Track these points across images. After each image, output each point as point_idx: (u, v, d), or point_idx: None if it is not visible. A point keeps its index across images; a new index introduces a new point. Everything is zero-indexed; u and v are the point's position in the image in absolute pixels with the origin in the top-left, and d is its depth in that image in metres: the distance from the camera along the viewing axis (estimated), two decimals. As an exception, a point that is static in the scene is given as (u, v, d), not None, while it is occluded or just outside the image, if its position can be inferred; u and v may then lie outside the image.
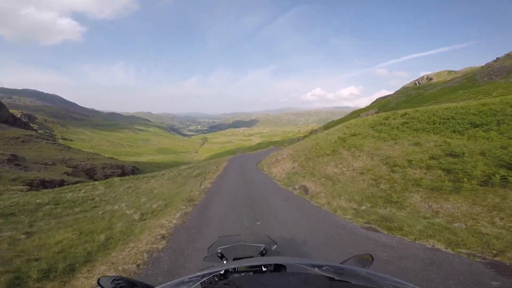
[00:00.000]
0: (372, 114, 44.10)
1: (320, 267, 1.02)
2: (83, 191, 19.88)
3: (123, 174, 51.05)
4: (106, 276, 1.27)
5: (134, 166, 59.77)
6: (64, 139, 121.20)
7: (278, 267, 1.33)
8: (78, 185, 26.43)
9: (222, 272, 1.25)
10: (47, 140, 54.63)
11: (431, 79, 70.18)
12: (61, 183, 33.45)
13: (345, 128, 18.88)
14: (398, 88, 74.95)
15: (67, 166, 43.93)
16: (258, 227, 6.06)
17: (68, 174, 39.92)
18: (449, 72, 69.42)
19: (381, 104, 49.21)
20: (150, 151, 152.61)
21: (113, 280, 1.20)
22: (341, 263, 1.28)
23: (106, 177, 46.67)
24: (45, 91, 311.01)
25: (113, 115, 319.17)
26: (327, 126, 57.08)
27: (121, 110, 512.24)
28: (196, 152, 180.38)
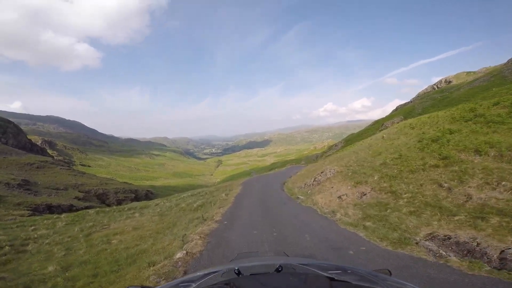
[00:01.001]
0: (398, 122, 40.68)
1: (320, 267, 1.05)
2: (33, 227, 15.41)
3: (136, 198, 49.09)
4: (134, 286, 1.32)
5: (148, 190, 57.95)
6: (83, 165, 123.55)
7: (282, 268, 1.31)
8: (36, 217, 21.00)
9: (226, 271, 1.26)
10: (62, 166, 54.31)
11: (450, 81, 66.34)
12: (70, 208, 31.62)
13: (411, 129, 14.96)
14: (412, 96, 71.08)
15: (79, 191, 42.56)
16: None
17: (79, 199, 38.30)
18: (468, 73, 65.84)
19: (405, 111, 45.88)
20: (166, 175, 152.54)
21: None
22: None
23: (119, 202, 44.78)
24: (67, 118, 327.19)
25: (130, 141, 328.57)
26: (348, 139, 53.60)
27: (139, 135, 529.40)
28: (211, 174, 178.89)
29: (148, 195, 54.10)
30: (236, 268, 1.27)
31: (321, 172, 14.48)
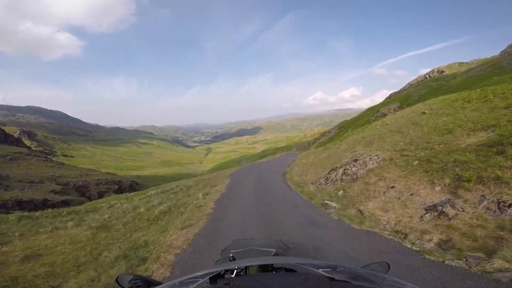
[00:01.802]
0: (394, 109, 40.38)
1: (320, 267, 1.03)
2: None
3: (120, 190, 47.01)
4: (124, 274, 1.29)
5: (133, 181, 55.75)
6: (65, 155, 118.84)
7: (282, 267, 1.33)
8: None
9: (227, 270, 1.23)
10: (39, 157, 51.10)
11: (442, 71, 66.48)
12: (44, 203, 29.44)
13: (466, 102, 12.14)
14: (400, 86, 71.76)
15: (56, 184, 40.08)
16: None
17: (56, 193, 35.97)
18: (460, 63, 65.81)
19: (401, 98, 46.09)
20: (153, 164, 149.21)
21: (131, 279, 1.25)
22: (363, 267, 1.25)
23: (101, 194, 42.71)
24: (49, 108, 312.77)
25: (116, 130, 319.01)
26: (341, 126, 53.05)
27: (125, 124, 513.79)
28: (201, 162, 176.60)
29: (133, 185, 52.04)
30: (247, 270, 1.29)
31: (354, 161, 10.13)
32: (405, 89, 61.04)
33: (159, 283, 1.20)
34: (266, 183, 12.84)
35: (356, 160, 10.13)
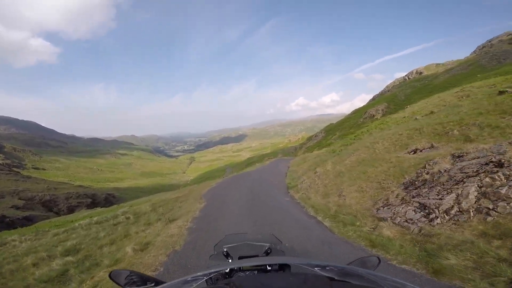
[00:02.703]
0: (382, 109, 40.57)
1: (320, 267, 1.03)
2: None
3: (93, 203, 43.26)
4: (118, 270, 1.27)
5: (108, 194, 51.76)
6: (36, 168, 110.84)
7: (282, 267, 1.32)
8: None
9: (227, 270, 1.25)
10: (1, 170, 46.26)
11: (421, 72, 69.63)
12: (1, 220, 25.98)
13: None
14: (378, 90, 74.47)
15: (19, 199, 36.00)
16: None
17: (18, 208, 32.10)
18: (437, 64, 69.70)
19: (388, 99, 47.01)
20: (133, 175, 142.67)
21: (127, 276, 1.23)
22: (347, 264, 1.25)
23: (71, 209, 38.94)
24: (21, 118, 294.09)
25: (94, 141, 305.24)
26: (328, 129, 52.75)
27: (104, 135, 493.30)
28: (184, 172, 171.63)
29: (108, 199, 48.25)
30: (240, 267, 1.30)
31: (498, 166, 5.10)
32: (388, 91, 62.72)
33: (156, 280, 1.23)
34: (268, 214, 7.59)
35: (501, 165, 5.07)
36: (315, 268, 1.01)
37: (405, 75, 76.47)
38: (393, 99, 43.86)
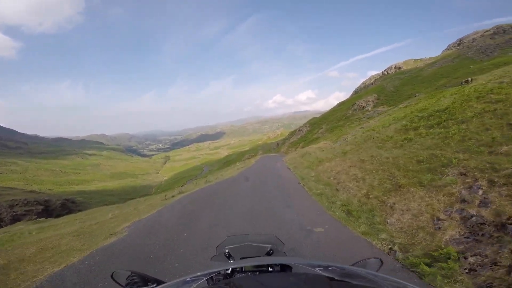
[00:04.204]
0: (373, 100, 39.89)
1: (320, 267, 1.03)
2: None
3: (46, 211, 37.46)
4: (120, 270, 1.27)
5: (66, 199, 45.60)
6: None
7: (284, 267, 1.31)
8: None
9: (228, 271, 1.24)
10: None
11: (400, 67, 71.88)
12: None
13: None
14: (352, 88, 77.12)
15: None
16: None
17: None
18: (415, 60, 72.44)
19: (376, 90, 47.52)
20: (101, 177, 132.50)
21: (128, 276, 1.23)
22: (353, 264, 1.26)
23: (17, 218, 33.10)
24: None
25: (59, 141, 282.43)
26: (313, 123, 51.26)
27: (71, 134, 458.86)
28: (158, 172, 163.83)
29: (66, 205, 42.41)
30: (242, 267, 1.28)
31: None
32: (372, 83, 63.80)
33: (157, 280, 1.22)
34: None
35: None
36: (315, 268, 1.01)
37: (384, 70, 79.00)
38: (382, 91, 44.05)
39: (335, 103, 65.14)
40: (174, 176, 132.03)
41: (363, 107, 45.41)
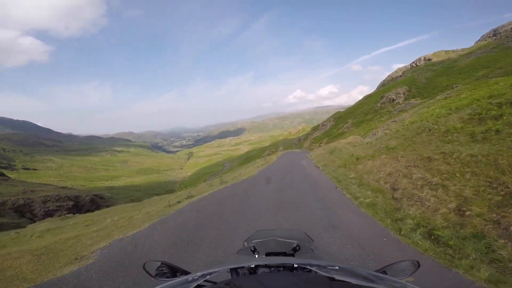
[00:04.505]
0: (403, 92, 37.08)
1: (320, 267, 1.04)
2: None
3: (76, 207, 38.74)
4: (151, 261, 1.32)
5: (95, 195, 47.08)
6: (26, 168, 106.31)
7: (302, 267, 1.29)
8: None
9: (252, 266, 1.23)
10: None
11: (429, 59, 68.57)
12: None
13: None
14: (376, 81, 75.96)
15: (-12, 205, 31.47)
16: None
17: (-19, 218, 27.61)
18: (446, 51, 68.99)
19: (407, 82, 44.94)
20: (129, 173, 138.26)
21: (158, 266, 1.29)
22: (384, 267, 1.24)
23: (49, 213, 34.38)
24: (16, 118, 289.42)
25: (91, 139, 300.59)
26: (337, 117, 48.62)
27: (101, 132, 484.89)
28: (181, 168, 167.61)
29: (95, 201, 43.73)
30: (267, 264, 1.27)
31: None
32: (401, 75, 60.09)
33: (186, 272, 1.27)
34: None
35: None
36: (315, 268, 1.01)
37: (412, 63, 77.01)
38: (413, 82, 41.03)
39: (359, 97, 62.26)
40: (197, 172, 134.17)
41: (393, 99, 42.16)
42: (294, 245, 1.60)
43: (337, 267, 1.03)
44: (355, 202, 6.62)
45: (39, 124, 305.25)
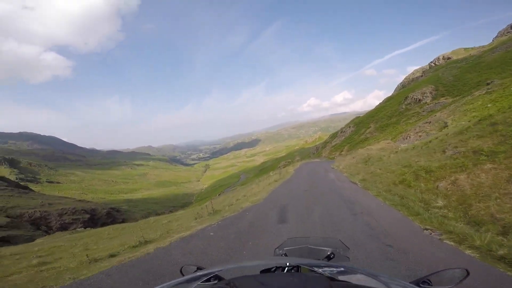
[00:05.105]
0: (431, 92, 34.80)
1: (320, 267, 1.04)
2: None
3: (92, 220, 38.48)
4: (188, 265, 1.37)
5: (112, 208, 46.89)
6: (50, 182, 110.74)
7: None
8: None
9: (282, 269, 1.24)
10: (-3, 186, 42.73)
11: (449, 57, 66.94)
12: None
13: None
14: (392, 85, 75.65)
15: (7, 216, 31.77)
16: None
17: (0, 227, 27.64)
18: (465, 49, 68.19)
19: (432, 80, 42.47)
20: (147, 185, 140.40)
21: (194, 271, 1.29)
22: (429, 274, 1.16)
23: (64, 226, 34.17)
24: (43, 133, 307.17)
25: (113, 153, 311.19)
26: (358, 122, 46.30)
27: (122, 147, 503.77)
28: (198, 180, 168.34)
29: (111, 214, 43.41)
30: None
31: None
32: (422, 75, 57.41)
33: (219, 277, 1.21)
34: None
35: None
36: (315, 268, 1.01)
37: (431, 62, 75.68)
38: (438, 81, 38.47)
39: (375, 102, 59.94)
40: (213, 184, 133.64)
41: (419, 100, 39.48)
42: (329, 253, 1.54)
43: (337, 267, 1.02)
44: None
45: (64, 139, 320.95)
